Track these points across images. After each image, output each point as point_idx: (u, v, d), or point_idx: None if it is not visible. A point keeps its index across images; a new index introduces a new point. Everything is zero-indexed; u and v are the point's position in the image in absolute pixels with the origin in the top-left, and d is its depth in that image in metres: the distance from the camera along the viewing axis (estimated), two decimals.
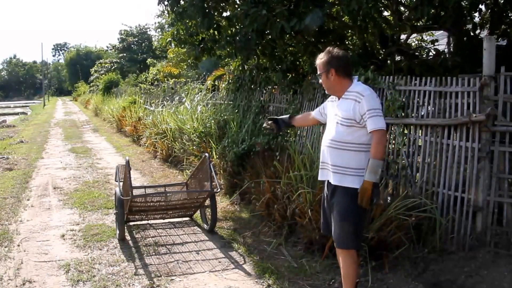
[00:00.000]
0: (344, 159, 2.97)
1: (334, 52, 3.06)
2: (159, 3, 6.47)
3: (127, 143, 12.35)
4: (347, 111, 2.98)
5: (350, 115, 2.96)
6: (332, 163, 3.03)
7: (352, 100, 2.98)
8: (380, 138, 2.93)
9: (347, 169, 2.96)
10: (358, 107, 2.94)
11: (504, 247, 3.65)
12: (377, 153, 2.90)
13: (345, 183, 2.96)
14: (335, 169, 3.01)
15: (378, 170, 2.90)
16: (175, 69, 16.89)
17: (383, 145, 3.00)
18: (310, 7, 4.82)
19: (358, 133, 2.97)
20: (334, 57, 3.04)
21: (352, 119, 2.96)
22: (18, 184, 7.27)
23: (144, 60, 33.86)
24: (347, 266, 3.04)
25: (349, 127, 2.97)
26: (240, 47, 5.67)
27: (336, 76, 3.04)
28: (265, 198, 4.77)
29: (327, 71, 3.06)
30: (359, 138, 2.97)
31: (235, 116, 6.88)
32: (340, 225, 3.00)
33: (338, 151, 3.00)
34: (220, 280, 3.72)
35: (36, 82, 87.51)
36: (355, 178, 2.95)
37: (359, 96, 2.96)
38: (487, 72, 3.73)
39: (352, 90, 3.02)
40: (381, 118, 2.95)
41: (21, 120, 23.77)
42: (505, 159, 3.72)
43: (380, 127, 2.91)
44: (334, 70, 3.04)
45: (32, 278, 3.77)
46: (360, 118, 2.94)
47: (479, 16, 5.64)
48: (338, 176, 3.00)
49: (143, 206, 4.69)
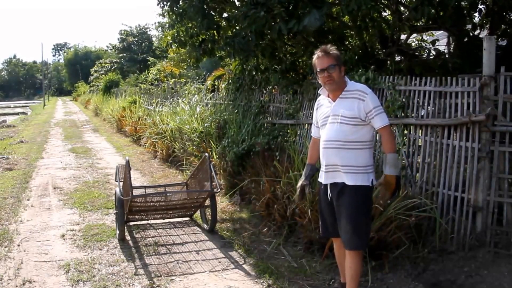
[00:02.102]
0: (353, 158, 2.96)
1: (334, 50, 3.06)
2: (159, 3, 6.48)
3: (127, 143, 12.35)
4: (351, 110, 2.95)
5: (355, 113, 2.95)
6: (343, 163, 2.97)
7: (355, 99, 2.96)
8: (390, 132, 3.02)
9: (358, 167, 2.95)
10: (362, 105, 2.94)
11: (504, 247, 3.65)
12: (392, 146, 2.98)
13: (358, 181, 2.94)
14: (348, 169, 2.96)
15: (397, 163, 2.96)
16: (176, 69, 16.90)
17: (394, 138, 3.08)
18: (308, 8, 4.82)
19: (362, 131, 2.97)
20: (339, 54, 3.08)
21: (357, 117, 2.95)
22: (18, 184, 7.27)
23: (144, 60, 33.90)
24: (355, 267, 3.00)
25: (354, 126, 2.96)
26: (239, 49, 5.66)
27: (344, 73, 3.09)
28: (265, 198, 4.77)
29: (340, 65, 3.03)
30: (363, 136, 2.98)
31: (235, 116, 6.89)
32: (352, 226, 2.93)
33: (345, 151, 2.96)
34: (220, 280, 3.72)
35: (36, 82, 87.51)
36: (365, 175, 2.96)
37: (362, 95, 2.96)
38: (487, 72, 3.74)
39: (352, 89, 3.02)
40: (385, 114, 3.01)
41: (21, 120, 23.76)
42: (505, 159, 3.72)
43: (387, 122, 2.99)
44: (344, 67, 3.09)
45: (32, 278, 3.77)
46: (365, 116, 2.94)
47: (479, 16, 5.64)
48: (352, 176, 2.96)
49: (143, 206, 4.68)
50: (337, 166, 3.01)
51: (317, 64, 3.03)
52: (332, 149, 3.00)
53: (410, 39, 6.44)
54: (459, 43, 5.53)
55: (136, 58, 36.80)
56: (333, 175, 3.04)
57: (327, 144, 3.04)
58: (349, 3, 4.51)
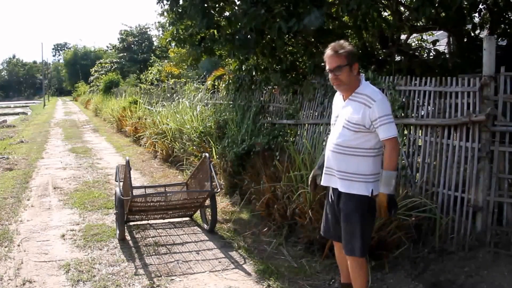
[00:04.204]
0: (351, 164, 2.81)
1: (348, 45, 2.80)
2: (159, 2, 6.48)
3: (127, 143, 12.35)
4: (357, 114, 2.76)
5: (359, 120, 2.75)
6: (338, 168, 2.86)
7: (362, 104, 2.76)
8: (393, 147, 2.73)
9: (355, 175, 2.80)
10: (368, 112, 2.72)
11: (504, 247, 3.64)
12: (391, 163, 2.73)
13: (353, 190, 2.81)
14: (342, 175, 2.85)
15: (391, 182, 2.71)
16: (176, 69, 16.90)
17: (397, 154, 2.80)
18: (309, 7, 4.82)
19: (366, 138, 2.78)
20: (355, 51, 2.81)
21: (360, 124, 2.76)
22: (18, 184, 7.27)
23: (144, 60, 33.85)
24: (352, 272, 2.97)
25: (356, 132, 2.78)
26: (239, 46, 5.66)
27: (357, 71, 2.82)
28: (265, 198, 4.77)
29: (351, 64, 2.77)
30: (366, 143, 2.79)
31: (235, 116, 6.89)
32: (345, 231, 2.89)
33: (344, 156, 2.83)
34: (220, 280, 3.72)
35: (36, 82, 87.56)
36: (363, 184, 2.79)
37: (369, 101, 2.74)
38: (487, 72, 3.73)
39: (361, 92, 2.80)
40: (393, 124, 2.73)
41: (21, 120, 23.77)
42: (505, 159, 3.72)
43: (392, 134, 2.71)
44: (356, 65, 2.80)
45: (32, 278, 3.77)
46: (370, 124, 2.74)
47: (479, 16, 5.64)
48: (345, 182, 2.84)
49: (143, 206, 4.68)
50: (333, 170, 2.92)
51: (326, 63, 2.85)
52: (332, 152, 2.91)
53: (410, 39, 6.44)
54: (459, 43, 5.53)
55: (136, 58, 36.73)
56: (329, 178, 2.98)
57: (329, 146, 2.96)
58: (349, 2, 4.51)
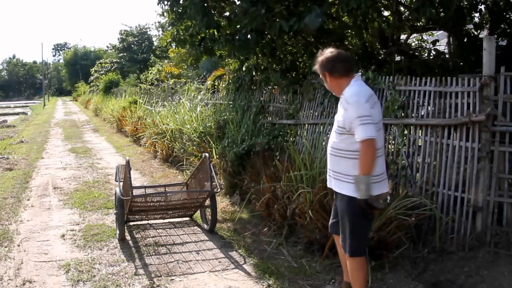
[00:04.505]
0: (342, 166, 2.92)
1: (326, 54, 2.94)
2: (159, 2, 6.47)
3: (127, 143, 12.35)
4: (340, 118, 2.89)
5: (341, 122, 2.87)
6: (332, 169, 3.01)
7: (342, 107, 2.90)
8: (365, 149, 2.69)
9: (345, 176, 2.90)
10: (346, 114, 2.82)
11: (504, 247, 3.64)
12: (361, 166, 2.72)
13: (343, 190, 2.93)
14: (335, 175, 3.00)
15: (361, 187, 2.70)
16: (176, 69, 16.90)
17: (370, 157, 2.71)
18: (309, 5, 4.82)
19: (350, 140, 2.83)
20: (326, 58, 2.92)
21: (342, 127, 2.87)
22: (18, 184, 7.27)
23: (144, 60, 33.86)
24: (351, 271, 3.04)
25: (341, 134, 2.89)
26: (239, 46, 5.66)
27: (332, 78, 2.94)
28: (265, 198, 4.77)
29: (323, 75, 2.99)
30: (352, 145, 2.82)
31: (235, 116, 6.89)
32: (341, 230, 3.04)
33: (336, 158, 2.96)
34: (220, 280, 3.72)
35: (36, 82, 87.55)
36: (350, 185, 2.86)
37: (345, 104, 2.85)
38: (487, 72, 3.73)
39: (343, 95, 2.90)
40: (369, 126, 2.69)
41: (21, 120, 23.77)
42: (505, 159, 3.71)
43: (366, 136, 2.67)
44: (328, 73, 2.94)
45: (32, 278, 3.77)
46: (350, 126, 2.80)
47: (479, 16, 5.64)
48: (337, 182, 2.99)
49: (143, 206, 4.69)
50: (330, 171, 3.06)
51: None
52: (329, 154, 3.05)
53: (410, 39, 6.44)
54: (459, 43, 5.53)
55: (136, 58, 36.74)
56: (329, 179, 3.11)
57: (327, 148, 3.09)
58: (349, 2, 4.51)
